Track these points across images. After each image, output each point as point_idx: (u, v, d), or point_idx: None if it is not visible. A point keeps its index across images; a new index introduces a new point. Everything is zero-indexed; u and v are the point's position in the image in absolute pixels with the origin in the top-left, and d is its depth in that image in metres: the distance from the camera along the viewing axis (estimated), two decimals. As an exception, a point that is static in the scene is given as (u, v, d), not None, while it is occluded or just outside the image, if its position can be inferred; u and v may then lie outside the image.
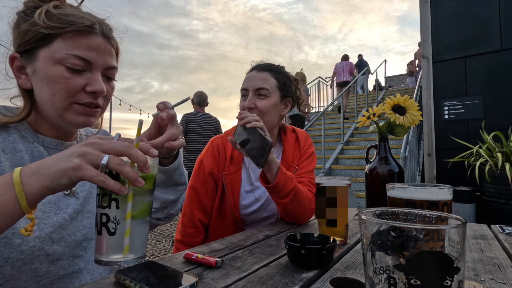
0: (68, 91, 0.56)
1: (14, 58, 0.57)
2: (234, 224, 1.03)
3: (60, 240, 0.58)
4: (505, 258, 0.63)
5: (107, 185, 0.40)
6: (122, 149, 0.42)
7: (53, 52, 0.55)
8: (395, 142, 4.80)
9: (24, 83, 0.57)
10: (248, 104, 0.99)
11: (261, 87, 0.99)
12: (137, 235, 0.44)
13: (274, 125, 1.06)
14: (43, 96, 0.57)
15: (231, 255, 0.64)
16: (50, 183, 0.40)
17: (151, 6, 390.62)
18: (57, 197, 0.60)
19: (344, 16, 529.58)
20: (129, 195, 0.43)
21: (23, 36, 0.56)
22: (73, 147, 0.43)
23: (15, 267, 0.52)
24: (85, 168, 0.40)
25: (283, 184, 0.85)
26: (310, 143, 1.12)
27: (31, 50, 0.56)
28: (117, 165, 0.41)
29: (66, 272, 0.59)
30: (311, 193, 0.97)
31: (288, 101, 1.07)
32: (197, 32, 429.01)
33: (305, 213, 0.92)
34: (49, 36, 0.55)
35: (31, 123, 0.61)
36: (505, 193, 2.34)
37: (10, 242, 0.51)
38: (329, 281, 0.50)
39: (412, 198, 0.57)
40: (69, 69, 0.56)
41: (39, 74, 0.56)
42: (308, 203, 0.92)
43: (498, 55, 3.03)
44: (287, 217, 0.94)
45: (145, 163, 0.43)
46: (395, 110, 0.92)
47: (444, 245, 0.27)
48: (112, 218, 0.42)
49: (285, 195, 0.86)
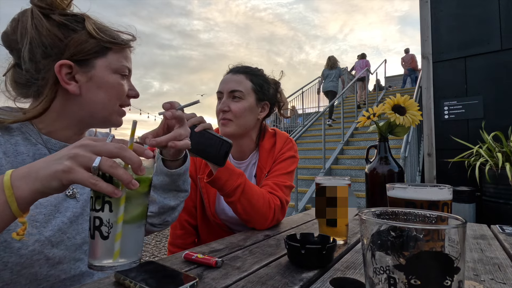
0: (122, 95, 0.65)
1: (64, 65, 0.58)
2: (219, 227, 1.02)
3: (60, 244, 0.58)
4: (505, 258, 0.63)
5: (99, 187, 0.39)
6: (115, 150, 0.41)
7: (109, 62, 0.63)
8: (395, 142, 4.80)
9: (75, 90, 0.59)
10: (221, 107, 0.96)
11: (235, 89, 0.96)
12: (129, 239, 0.43)
13: (251, 128, 1.01)
14: (95, 100, 0.62)
15: (231, 255, 0.64)
16: (40, 187, 0.40)
17: (152, 6, 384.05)
18: (58, 200, 0.60)
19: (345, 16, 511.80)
20: (121, 198, 0.42)
21: (78, 47, 0.59)
22: (64, 149, 0.42)
23: (14, 271, 0.52)
24: (76, 170, 0.39)
25: (225, 179, 0.79)
26: (289, 147, 1.05)
27: (88, 60, 0.61)
28: (110, 167, 0.40)
29: (67, 276, 0.59)
30: (273, 195, 0.90)
31: (266, 105, 1.04)
32: (198, 32, 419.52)
33: (260, 215, 0.85)
34: (106, 48, 0.62)
35: (37, 123, 0.61)
36: (505, 193, 2.34)
37: (10, 246, 0.51)
38: (329, 281, 0.50)
39: (412, 198, 0.57)
40: (121, 77, 0.65)
41: (97, 81, 0.61)
42: (264, 205, 0.85)
43: (498, 55, 3.03)
44: (243, 220, 0.87)
45: (139, 165, 0.41)
46: (395, 110, 0.92)
47: (444, 245, 0.27)
48: (105, 222, 0.41)
49: (231, 193, 0.81)
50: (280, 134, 1.08)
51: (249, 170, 1.06)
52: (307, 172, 5.10)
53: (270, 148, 1.05)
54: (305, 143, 6.22)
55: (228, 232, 1.02)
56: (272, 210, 0.87)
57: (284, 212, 0.95)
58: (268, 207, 0.86)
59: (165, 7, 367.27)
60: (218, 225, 1.01)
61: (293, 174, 1.03)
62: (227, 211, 0.98)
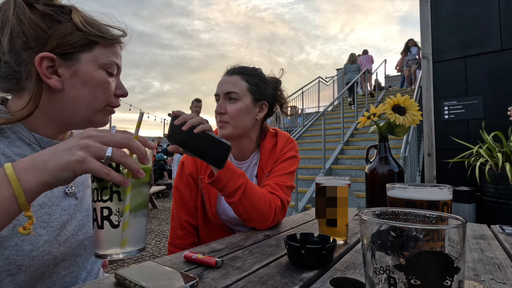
0: (108, 94, 0.61)
1: (46, 58, 0.54)
2: (220, 228, 1.02)
3: (66, 242, 0.58)
4: (505, 258, 0.63)
5: (111, 177, 0.40)
6: (124, 141, 0.42)
7: (96, 57, 0.59)
8: (395, 142, 4.80)
9: (56, 84, 0.56)
10: (218, 109, 0.96)
11: (230, 91, 0.96)
12: (135, 227, 0.44)
13: (249, 129, 1.00)
14: (79, 97, 0.58)
15: (231, 255, 0.64)
16: (50, 178, 0.39)
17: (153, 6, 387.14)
18: (59, 199, 0.60)
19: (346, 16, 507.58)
20: (127, 188, 0.43)
21: (62, 39, 0.55)
22: (71, 140, 0.41)
23: (28, 273, 0.52)
24: (89, 161, 0.39)
25: (226, 180, 0.79)
26: (290, 147, 1.05)
27: (72, 53, 0.57)
28: (121, 157, 0.41)
29: (67, 272, 0.59)
30: (274, 196, 0.90)
31: (264, 104, 1.02)
32: (199, 32, 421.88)
33: (261, 216, 0.85)
34: (93, 42, 0.58)
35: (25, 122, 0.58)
36: (505, 193, 2.34)
37: (21, 249, 0.51)
38: (329, 281, 0.50)
39: (412, 198, 0.57)
40: (109, 74, 0.61)
41: (81, 77, 0.58)
42: (265, 205, 0.85)
43: (498, 55, 3.03)
44: (243, 220, 0.87)
45: (146, 154, 0.43)
46: (395, 110, 0.92)
47: (444, 245, 0.27)
48: (115, 211, 0.43)
49: (232, 193, 0.81)
50: (281, 134, 1.08)
51: (250, 170, 1.05)
52: (307, 172, 5.10)
53: (271, 148, 1.04)
54: (305, 143, 6.22)
55: (228, 232, 1.02)
56: (273, 210, 0.87)
57: (285, 212, 0.94)
58: (269, 208, 0.86)
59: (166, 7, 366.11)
60: (219, 225, 1.01)
61: (294, 174, 1.03)
62: (228, 212, 0.98)
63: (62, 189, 0.61)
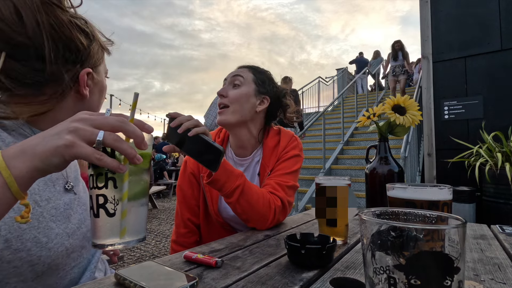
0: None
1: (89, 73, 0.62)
2: (221, 226, 1.02)
3: (73, 234, 0.60)
4: (505, 258, 0.63)
5: (104, 163, 0.37)
6: (117, 124, 0.39)
7: (104, 66, 0.68)
8: (395, 142, 4.80)
9: (86, 94, 0.63)
10: (220, 91, 0.99)
11: (236, 74, 1.01)
12: (135, 216, 0.42)
13: (247, 118, 0.99)
14: (95, 102, 0.66)
15: (231, 255, 0.64)
16: (40, 164, 0.37)
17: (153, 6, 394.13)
18: (61, 194, 0.61)
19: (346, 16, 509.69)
20: (125, 174, 0.40)
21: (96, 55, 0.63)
22: (60, 124, 0.39)
23: (46, 264, 0.53)
24: (79, 145, 0.37)
25: (224, 180, 0.80)
26: (294, 146, 1.04)
27: (98, 66, 0.65)
28: (114, 141, 0.38)
29: (76, 263, 0.61)
30: (274, 196, 0.90)
31: (265, 98, 1.03)
32: (199, 32, 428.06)
33: (260, 216, 0.84)
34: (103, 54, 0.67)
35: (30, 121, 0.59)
36: (505, 193, 2.34)
37: (39, 241, 0.52)
38: (329, 281, 0.50)
39: (412, 198, 0.57)
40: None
41: (98, 85, 0.66)
42: (263, 205, 0.84)
43: (498, 55, 3.03)
44: (243, 220, 0.87)
45: (143, 138, 0.40)
46: (395, 110, 0.92)
47: (444, 245, 0.27)
48: (110, 199, 0.40)
49: (230, 194, 0.81)
50: (284, 132, 1.08)
51: (253, 168, 1.05)
52: (307, 172, 5.10)
53: (274, 146, 1.03)
54: (305, 143, 6.22)
55: (230, 231, 1.02)
56: (272, 210, 0.86)
57: (286, 212, 0.93)
58: (268, 208, 0.85)
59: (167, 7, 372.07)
60: (221, 224, 1.01)
61: (297, 173, 1.02)
62: (229, 210, 0.98)
63: (62, 185, 0.62)
